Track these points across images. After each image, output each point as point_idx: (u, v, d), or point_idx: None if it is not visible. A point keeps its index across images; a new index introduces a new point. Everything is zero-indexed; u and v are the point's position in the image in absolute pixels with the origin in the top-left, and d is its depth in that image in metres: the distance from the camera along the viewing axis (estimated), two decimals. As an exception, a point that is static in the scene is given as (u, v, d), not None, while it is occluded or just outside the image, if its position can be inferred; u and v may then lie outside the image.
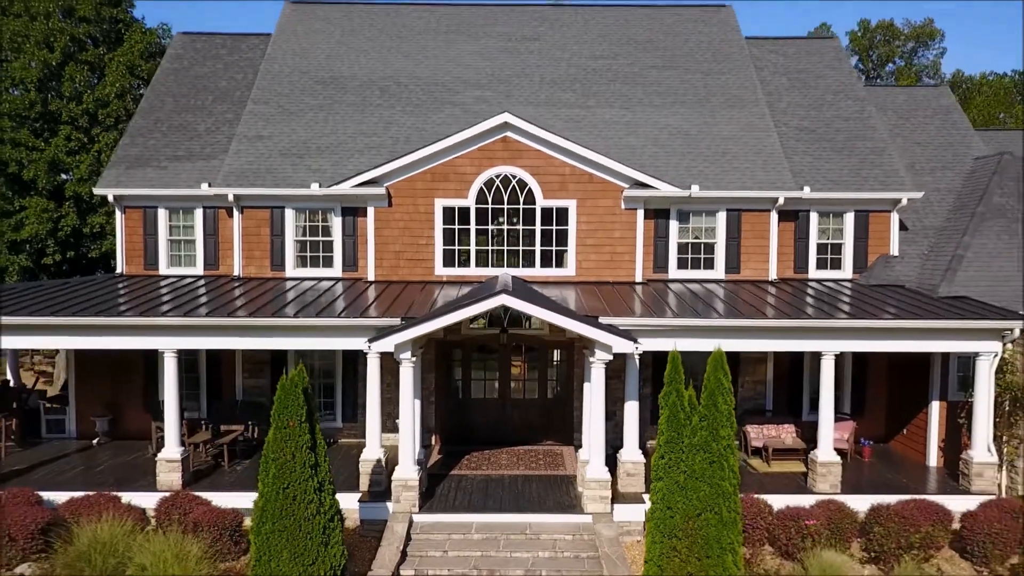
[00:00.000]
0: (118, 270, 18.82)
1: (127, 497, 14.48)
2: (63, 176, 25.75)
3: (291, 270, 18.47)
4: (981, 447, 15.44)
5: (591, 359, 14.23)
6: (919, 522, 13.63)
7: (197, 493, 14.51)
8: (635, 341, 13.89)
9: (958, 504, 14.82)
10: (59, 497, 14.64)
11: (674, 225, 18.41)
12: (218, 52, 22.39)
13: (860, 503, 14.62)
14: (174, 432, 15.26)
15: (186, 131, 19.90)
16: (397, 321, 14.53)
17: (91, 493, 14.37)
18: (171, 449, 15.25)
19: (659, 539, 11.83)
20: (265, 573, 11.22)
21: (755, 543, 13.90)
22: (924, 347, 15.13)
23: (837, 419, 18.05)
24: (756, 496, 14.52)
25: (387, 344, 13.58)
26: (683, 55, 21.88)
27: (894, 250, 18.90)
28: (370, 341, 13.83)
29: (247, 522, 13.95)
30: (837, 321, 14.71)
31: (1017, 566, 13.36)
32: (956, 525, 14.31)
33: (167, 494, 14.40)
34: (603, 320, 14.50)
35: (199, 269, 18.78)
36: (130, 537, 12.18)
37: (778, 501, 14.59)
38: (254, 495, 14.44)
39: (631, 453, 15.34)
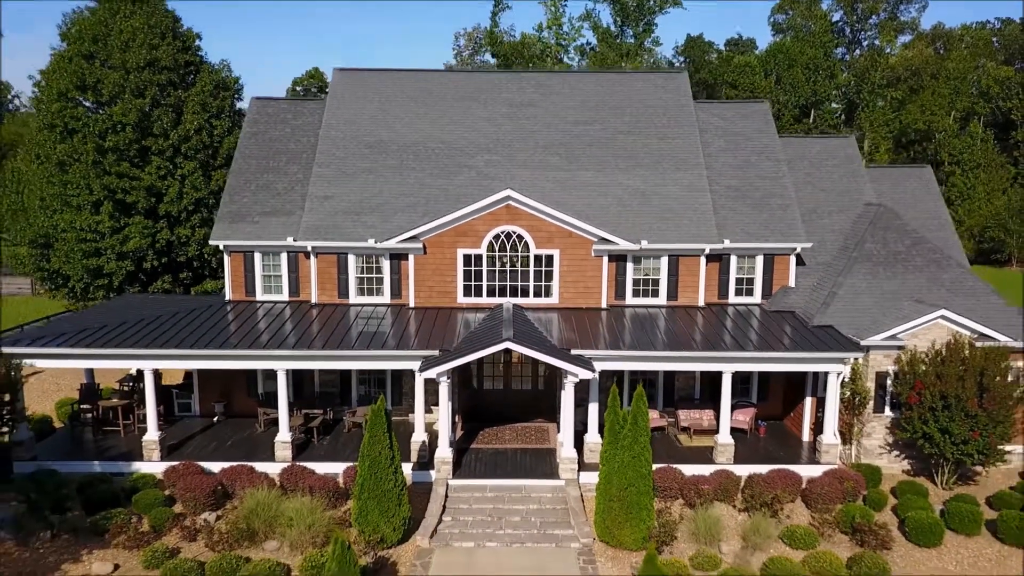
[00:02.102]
0: (227, 297, 25.84)
1: (258, 467, 21.91)
2: (154, 199, 32.30)
3: (353, 298, 25.48)
4: (829, 433, 22.80)
5: (564, 379, 21.41)
6: (775, 486, 21.07)
7: (303, 464, 21.93)
8: (594, 371, 21.05)
9: (809, 471, 22.26)
10: (212, 467, 22.09)
11: (630, 266, 25.33)
12: (285, 116, 28.76)
13: (743, 471, 22.08)
14: (285, 421, 22.58)
15: (269, 190, 26.58)
16: (435, 352, 21.66)
17: (234, 464, 21.83)
18: (283, 434, 22.60)
19: (603, 501, 19.28)
20: (364, 521, 18.65)
21: (670, 498, 21.39)
22: (791, 369, 22.34)
23: (743, 405, 25.48)
24: (674, 466, 21.93)
25: (431, 373, 20.73)
26: (645, 120, 28.27)
27: (791, 282, 25.86)
28: (420, 371, 21.00)
29: (340, 482, 21.43)
30: (731, 353, 21.84)
31: (836, 512, 20.79)
32: (805, 485, 21.78)
33: (285, 465, 21.83)
34: (574, 352, 21.64)
35: (285, 296, 25.82)
36: (277, 500, 19.59)
37: (689, 470, 22.04)
38: (342, 465, 22.04)
39: (593, 436, 22.70)
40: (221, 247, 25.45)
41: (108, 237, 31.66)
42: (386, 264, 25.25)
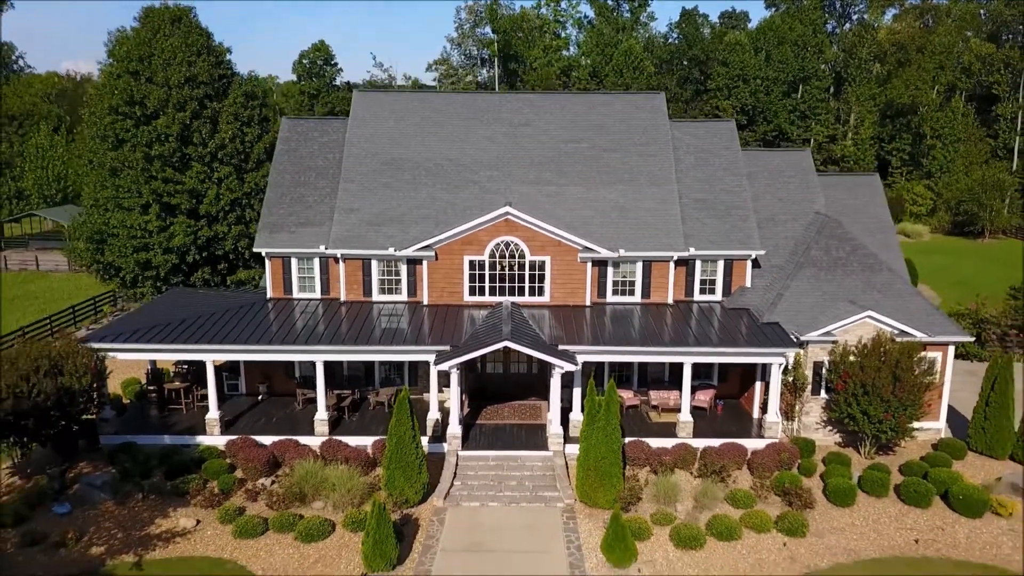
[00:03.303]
0: (268, 294, 30.38)
1: (302, 440, 26.68)
2: (195, 201, 36.67)
3: (376, 296, 30.01)
4: (772, 413, 27.55)
5: (552, 370, 26.06)
6: (725, 457, 25.87)
7: (338, 438, 26.68)
8: (577, 364, 25.71)
9: (754, 444, 27.06)
10: (264, 440, 26.82)
11: (610, 270, 29.81)
12: (312, 134, 32.94)
13: (700, 444, 26.89)
14: (322, 403, 27.30)
15: (301, 203, 30.92)
16: (447, 347, 26.29)
17: (282, 438, 26.61)
18: (321, 413, 27.35)
19: (582, 470, 24.09)
20: (392, 486, 23.45)
21: (639, 466, 26.22)
22: (741, 361, 27.07)
23: (704, 387, 30.21)
24: (643, 439, 26.73)
25: (444, 367, 25.40)
26: (626, 138, 32.45)
27: (747, 283, 30.39)
28: (435, 364, 25.67)
29: (369, 453, 26.21)
30: (691, 348, 26.51)
31: (773, 478, 25.61)
32: (750, 456, 26.58)
33: (324, 439, 26.57)
34: (561, 347, 26.26)
35: (317, 295, 30.38)
36: (320, 469, 24.38)
37: (655, 443, 26.84)
38: (370, 438, 26.79)
39: (577, 414, 27.39)
40: (263, 253, 29.93)
41: (156, 235, 36.10)
42: (404, 268, 29.73)
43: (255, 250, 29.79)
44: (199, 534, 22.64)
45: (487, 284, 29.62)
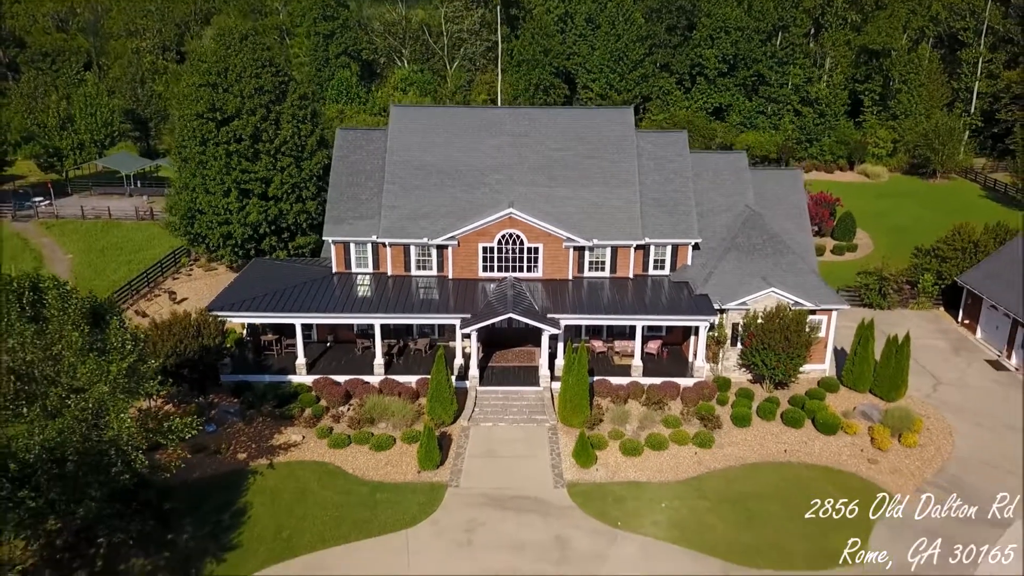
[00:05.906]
0: (333, 270, 40.80)
1: (365, 379, 37.73)
2: (264, 185, 46.65)
3: (414, 271, 40.46)
4: (700, 359, 38.54)
5: (543, 333, 36.82)
6: (663, 392, 36.99)
7: (391, 377, 37.72)
8: (560, 328, 36.49)
9: (685, 382, 38.15)
10: (339, 379, 37.86)
11: (587, 253, 40.18)
12: (360, 143, 42.57)
13: (647, 381, 38.00)
14: (379, 351, 38.20)
15: (355, 200, 40.96)
16: (467, 315, 36.97)
17: (351, 377, 37.70)
18: (379, 359, 38.32)
19: (561, 401, 35.21)
20: (433, 412, 34.55)
21: (602, 397, 37.36)
22: (678, 324, 37.87)
23: (653, 338, 41.13)
24: (607, 378, 37.82)
25: (466, 331, 36.16)
26: (601, 147, 42.14)
27: (688, 261, 40.82)
28: (459, 328, 36.44)
29: (414, 388, 37.27)
30: (642, 316, 37.26)
31: (696, 407, 36.69)
32: (682, 391, 37.64)
33: (381, 377, 37.69)
34: (549, 316, 36.98)
35: (370, 269, 40.83)
36: (381, 400, 35.40)
37: (615, 380, 37.93)
38: (414, 377, 37.99)
39: (560, 360, 38.34)
40: (330, 240, 40.27)
41: (235, 213, 46.22)
42: (434, 251, 40.08)
43: (324, 237, 40.07)
44: (305, 445, 33.90)
45: (495, 263, 40.00)
